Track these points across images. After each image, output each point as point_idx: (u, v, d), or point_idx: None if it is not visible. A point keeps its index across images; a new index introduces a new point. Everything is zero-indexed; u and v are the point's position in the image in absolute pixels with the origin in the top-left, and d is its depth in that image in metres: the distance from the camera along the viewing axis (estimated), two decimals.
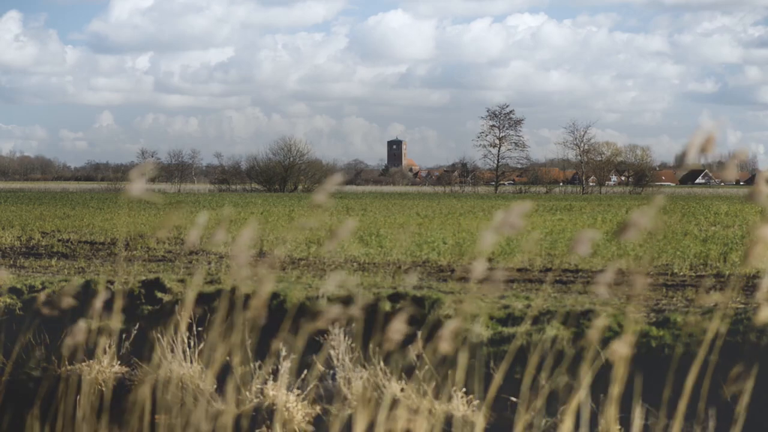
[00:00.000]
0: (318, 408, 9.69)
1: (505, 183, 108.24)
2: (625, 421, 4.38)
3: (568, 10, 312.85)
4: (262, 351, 8.94)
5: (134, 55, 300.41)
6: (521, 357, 9.06)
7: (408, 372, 8.63)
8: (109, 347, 10.94)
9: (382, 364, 9.28)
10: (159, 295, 12.22)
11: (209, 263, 17.01)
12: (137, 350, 10.85)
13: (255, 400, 9.63)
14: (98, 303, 3.25)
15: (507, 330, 10.38)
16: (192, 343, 10.20)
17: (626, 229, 3.07)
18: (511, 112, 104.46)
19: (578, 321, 10.22)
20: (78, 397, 3.60)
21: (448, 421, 8.77)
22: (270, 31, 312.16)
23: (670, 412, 3.65)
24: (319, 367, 9.63)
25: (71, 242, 21.99)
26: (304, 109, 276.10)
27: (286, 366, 9.57)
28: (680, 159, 3.17)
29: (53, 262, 17.58)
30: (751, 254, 3.03)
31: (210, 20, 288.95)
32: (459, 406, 8.89)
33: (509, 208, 2.99)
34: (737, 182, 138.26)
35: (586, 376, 3.22)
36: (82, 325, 3.24)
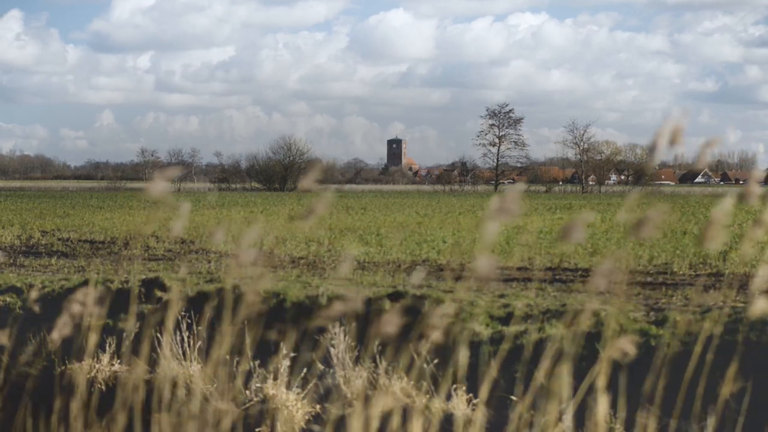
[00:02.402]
0: (318, 407, 9.69)
1: (505, 182, 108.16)
2: (621, 419, 4.38)
3: (569, 9, 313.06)
4: (261, 349, 8.95)
5: (135, 54, 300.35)
6: (521, 355, 9.06)
7: (407, 370, 8.63)
8: (109, 346, 10.94)
9: (383, 362, 9.28)
10: (159, 293, 12.23)
11: (209, 262, 17.00)
12: (137, 349, 10.85)
13: (255, 399, 9.63)
14: (91, 301, 3.24)
15: (507, 329, 10.37)
16: (191, 342, 10.21)
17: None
18: (510, 111, 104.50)
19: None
20: (75, 395, 3.61)
21: (447, 420, 8.77)
22: (271, 30, 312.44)
23: (665, 410, 3.65)
24: (319, 365, 9.62)
25: (71, 241, 21.98)
26: (305, 109, 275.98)
27: (285, 365, 9.57)
28: (649, 153, 3.02)
29: (53, 261, 17.57)
30: (706, 236, 3.01)
31: (211, 19, 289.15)
32: (458, 404, 8.89)
33: (504, 194, 2.94)
34: (737, 181, 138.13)
35: (586, 374, 3.22)
36: (67, 318, 3.23)
